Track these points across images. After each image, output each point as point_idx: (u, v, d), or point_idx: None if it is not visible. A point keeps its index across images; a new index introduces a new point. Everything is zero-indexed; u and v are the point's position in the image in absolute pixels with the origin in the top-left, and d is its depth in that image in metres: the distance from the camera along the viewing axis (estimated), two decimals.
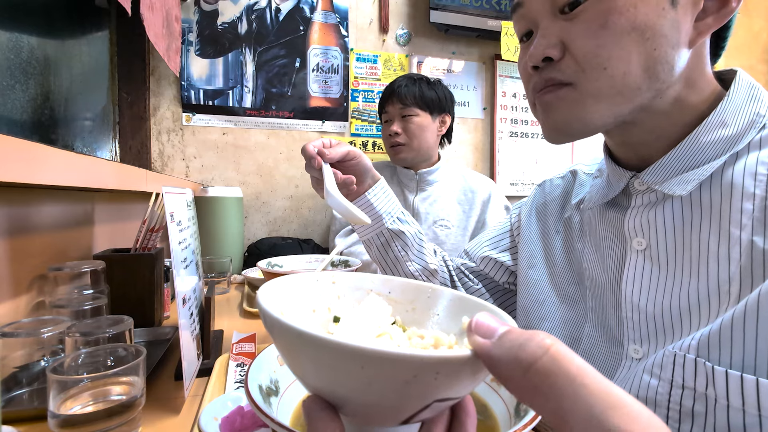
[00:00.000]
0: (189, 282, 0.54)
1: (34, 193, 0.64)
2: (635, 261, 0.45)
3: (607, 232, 0.49)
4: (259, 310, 0.22)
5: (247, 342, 0.62)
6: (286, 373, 0.35)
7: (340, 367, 0.19)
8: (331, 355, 0.18)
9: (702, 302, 0.39)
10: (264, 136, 1.61)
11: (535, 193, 0.66)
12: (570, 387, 0.16)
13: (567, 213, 0.59)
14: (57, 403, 0.37)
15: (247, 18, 1.57)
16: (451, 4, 1.66)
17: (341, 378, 0.19)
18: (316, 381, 0.21)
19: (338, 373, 0.19)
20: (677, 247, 0.42)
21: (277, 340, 0.22)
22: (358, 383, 0.19)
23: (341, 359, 0.18)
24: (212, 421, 0.34)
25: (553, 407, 0.16)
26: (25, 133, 0.88)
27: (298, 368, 0.22)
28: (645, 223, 0.44)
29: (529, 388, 0.17)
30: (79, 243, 0.79)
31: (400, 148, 1.29)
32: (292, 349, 0.21)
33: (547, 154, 1.97)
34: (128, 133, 1.42)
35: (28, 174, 0.47)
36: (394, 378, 0.18)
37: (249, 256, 1.46)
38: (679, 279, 0.41)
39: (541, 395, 0.17)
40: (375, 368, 0.18)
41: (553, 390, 0.16)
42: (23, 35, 0.87)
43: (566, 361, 0.16)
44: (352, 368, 0.18)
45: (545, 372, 0.16)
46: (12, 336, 0.47)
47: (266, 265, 0.98)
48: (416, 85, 1.28)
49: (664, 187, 0.43)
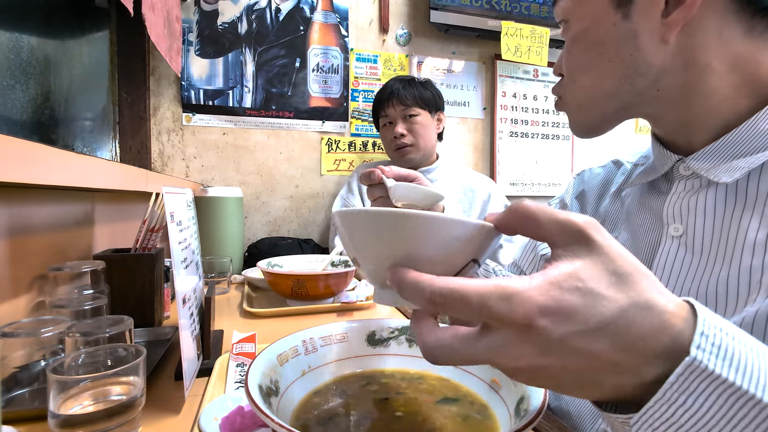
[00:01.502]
0: (189, 282, 0.54)
1: (34, 193, 0.64)
2: (669, 247, 0.44)
3: (645, 218, 0.49)
4: (340, 214, 0.29)
5: (247, 342, 0.62)
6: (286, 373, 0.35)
7: (426, 233, 0.26)
8: (422, 224, 0.26)
9: (731, 290, 0.38)
10: (264, 136, 1.61)
11: (575, 182, 0.65)
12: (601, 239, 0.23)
13: (605, 202, 0.58)
14: (57, 403, 0.37)
15: (247, 18, 1.57)
16: (451, 4, 1.66)
17: (424, 242, 0.26)
18: (403, 250, 0.27)
19: (422, 239, 0.26)
20: (714, 235, 0.41)
21: (363, 229, 0.28)
22: (438, 245, 0.26)
23: (429, 227, 0.26)
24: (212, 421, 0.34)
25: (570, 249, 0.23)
26: (25, 133, 0.88)
27: (381, 248, 0.27)
28: (684, 209, 0.44)
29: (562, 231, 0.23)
30: (79, 243, 0.79)
31: (408, 149, 1.28)
32: (384, 230, 0.27)
33: (547, 154, 1.97)
34: (128, 133, 1.42)
35: (28, 174, 0.47)
36: (458, 238, 0.26)
37: (249, 256, 1.46)
38: (711, 266, 0.40)
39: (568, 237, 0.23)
40: (454, 230, 0.26)
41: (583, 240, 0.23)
42: (23, 35, 0.87)
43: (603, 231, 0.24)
44: (435, 233, 0.26)
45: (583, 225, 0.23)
46: (12, 336, 0.47)
47: (266, 265, 0.98)
48: (412, 87, 1.28)
49: (710, 173, 0.42)
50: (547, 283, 0.22)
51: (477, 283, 0.22)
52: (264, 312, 0.83)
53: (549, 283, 0.22)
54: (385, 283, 0.28)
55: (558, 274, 0.22)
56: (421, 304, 0.25)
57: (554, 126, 1.99)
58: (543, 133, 1.97)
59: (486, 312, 0.22)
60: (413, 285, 0.24)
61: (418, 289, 0.24)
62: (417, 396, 0.37)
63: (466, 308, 0.22)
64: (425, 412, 0.34)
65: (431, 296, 0.23)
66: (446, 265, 0.27)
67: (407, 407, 0.35)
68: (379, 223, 0.26)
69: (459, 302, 0.22)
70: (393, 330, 0.42)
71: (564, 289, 0.22)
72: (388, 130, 1.31)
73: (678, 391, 0.21)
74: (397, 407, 0.35)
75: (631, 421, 0.23)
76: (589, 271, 0.22)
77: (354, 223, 0.28)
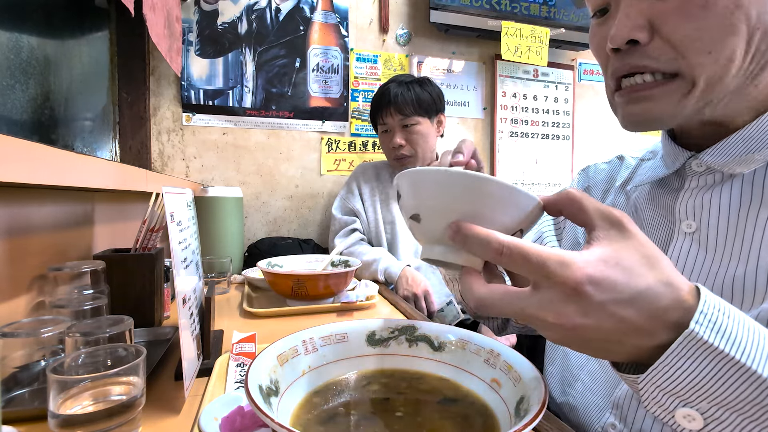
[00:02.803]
0: (189, 282, 0.54)
1: (34, 193, 0.64)
2: (681, 244, 0.43)
3: (654, 214, 0.48)
4: (412, 172, 0.33)
5: (247, 342, 0.62)
6: (286, 373, 0.35)
7: (492, 194, 0.30)
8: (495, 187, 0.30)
9: (747, 286, 0.38)
10: (264, 136, 1.61)
11: (579, 178, 0.64)
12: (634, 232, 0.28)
13: (609, 197, 0.57)
14: (57, 403, 0.37)
15: (247, 18, 1.57)
16: (451, 4, 1.66)
17: (488, 202, 0.30)
18: (470, 208, 0.31)
19: (488, 200, 0.30)
20: (729, 231, 0.40)
21: (438, 185, 0.31)
22: (498, 206, 0.30)
23: (497, 188, 0.30)
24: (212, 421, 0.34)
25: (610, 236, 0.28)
26: (25, 133, 0.88)
27: (452, 204, 0.31)
28: (698, 205, 0.43)
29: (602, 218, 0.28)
30: (79, 243, 0.79)
31: (407, 159, 1.27)
32: (459, 188, 0.31)
33: (547, 154, 1.97)
34: (128, 133, 1.42)
35: (28, 174, 0.47)
36: (520, 207, 0.31)
37: (249, 256, 1.46)
38: (725, 263, 0.40)
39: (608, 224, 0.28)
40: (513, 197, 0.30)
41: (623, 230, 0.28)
42: (23, 35, 0.87)
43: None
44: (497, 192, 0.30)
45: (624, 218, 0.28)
46: (12, 336, 0.47)
47: (266, 265, 0.98)
48: (410, 91, 1.24)
49: (726, 167, 0.41)
50: (596, 259, 0.26)
51: (538, 246, 0.27)
52: (264, 312, 0.83)
53: (597, 259, 0.26)
54: (439, 237, 0.32)
55: (603, 252, 0.27)
56: (485, 254, 0.29)
57: (554, 126, 1.99)
58: (543, 133, 1.97)
59: (543, 271, 0.26)
60: (482, 237, 0.28)
61: (487, 240, 0.28)
62: (417, 396, 0.37)
63: (526, 264, 0.26)
64: (425, 413, 0.34)
65: (498, 248, 0.27)
66: (502, 228, 0.30)
67: (407, 407, 0.35)
68: (457, 183, 0.30)
69: (521, 257, 0.27)
70: (393, 330, 0.42)
71: (608, 264, 0.26)
72: (386, 138, 1.29)
73: (678, 355, 0.26)
74: (397, 407, 0.35)
75: (639, 379, 0.28)
76: (626, 253, 0.27)
77: (427, 180, 0.32)
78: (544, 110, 1.97)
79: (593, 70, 2.03)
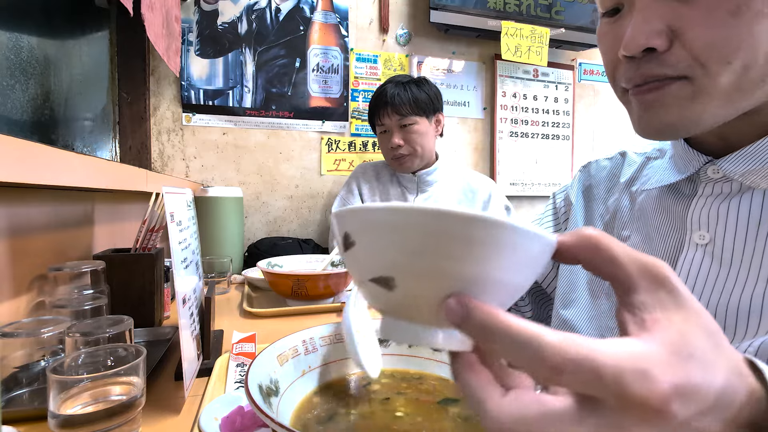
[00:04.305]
0: (189, 282, 0.54)
1: (34, 193, 0.64)
2: (693, 255, 0.40)
3: (662, 220, 0.44)
4: (392, 210, 0.21)
5: (247, 342, 0.62)
6: (286, 373, 0.35)
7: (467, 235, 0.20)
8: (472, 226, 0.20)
9: (766, 306, 0.35)
10: (264, 136, 1.61)
11: (580, 176, 0.61)
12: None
13: (613, 195, 0.54)
14: (57, 403, 0.37)
15: (247, 18, 1.57)
16: (451, 4, 1.66)
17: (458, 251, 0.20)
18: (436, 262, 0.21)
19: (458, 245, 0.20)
20: (746, 246, 0.37)
21: (427, 234, 0.20)
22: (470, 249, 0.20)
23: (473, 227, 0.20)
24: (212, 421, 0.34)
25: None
26: (25, 133, 0.88)
27: (445, 264, 0.21)
28: (713, 216, 0.39)
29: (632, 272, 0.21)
30: (79, 243, 0.79)
31: (405, 158, 1.27)
32: (461, 239, 0.20)
33: (547, 154, 1.97)
34: (128, 133, 1.42)
35: (28, 174, 0.47)
36: (537, 257, 0.22)
37: (249, 256, 1.46)
38: (742, 280, 0.37)
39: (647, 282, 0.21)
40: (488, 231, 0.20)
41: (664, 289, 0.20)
42: (23, 35, 0.87)
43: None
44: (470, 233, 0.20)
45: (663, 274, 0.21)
46: (12, 336, 0.47)
47: (266, 265, 0.98)
48: (407, 91, 1.24)
49: (746, 178, 0.37)
50: (669, 353, 0.18)
51: (606, 349, 0.18)
52: (264, 312, 0.83)
53: (670, 352, 0.18)
54: (427, 315, 0.22)
55: (671, 338, 0.19)
56: (527, 365, 0.19)
57: (554, 126, 1.99)
58: (543, 133, 1.97)
59: (620, 390, 0.17)
60: (524, 339, 0.18)
61: (533, 346, 0.18)
62: (417, 396, 0.37)
63: (598, 383, 0.18)
64: (426, 413, 0.34)
65: (556, 360, 0.18)
66: (514, 291, 0.22)
67: (408, 407, 0.35)
68: (458, 231, 0.20)
69: (592, 374, 0.17)
70: None
71: (682, 357, 0.19)
72: (385, 138, 1.30)
73: None
74: (398, 407, 0.35)
75: None
76: (692, 332, 0.19)
77: (408, 226, 0.20)
78: (544, 110, 1.97)
79: (593, 70, 2.03)
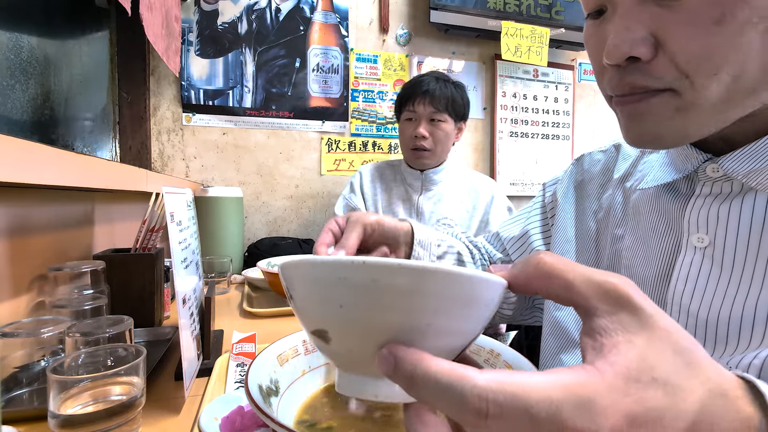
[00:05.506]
0: (189, 282, 0.54)
1: (34, 193, 0.64)
2: (691, 259, 0.38)
3: (658, 220, 0.43)
4: (309, 264, 0.21)
5: (247, 342, 0.62)
6: (286, 373, 0.35)
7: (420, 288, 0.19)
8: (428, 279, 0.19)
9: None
10: (264, 136, 1.61)
11: (572, 169, 0.58)
12: None
13: (607, 191, 0.52)
14: (57, 403, 0.37)
15: (247, 18, 1.57)
16: (451, 4, 1.66)
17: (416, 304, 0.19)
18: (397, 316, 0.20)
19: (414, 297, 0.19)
20: (749, 251, 0.35)
21: (350, 287, 0.20)
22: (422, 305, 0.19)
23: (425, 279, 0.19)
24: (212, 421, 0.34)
25: None
26: (25, 133, 0.88)
27: (376, 315, 0.20)
28: (712, 217, 0.37)
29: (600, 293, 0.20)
30: (79, 243, 0.79)
31: (425, 153, 1.24)
32: (388, 290, 0.19)
33: (547, 154, 1.97)
34: (128, 133, 1.42)
35: (28, 174, 0.47)
36: (483, 301, 0.21)
37: (249, 256, 1.46)
38: (745, 286, 0.35)
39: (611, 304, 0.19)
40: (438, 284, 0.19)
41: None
42: (23, 35, 0.87)
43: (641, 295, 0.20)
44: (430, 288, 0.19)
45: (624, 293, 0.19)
46: (12, 336, 0.47)
47: (266, 265, 0.98)
48: (447, 88, 1.22)
49: (750, 178, 0.35)
50: (624, 379, 0.17)
51: (538, 384, 0.17)
52: (264, 312, 0.83)
53: (626, 379, 0.17)
54: (364, 366, 0.21)
55: (628, 363, 0.18)
56: (454, 412, 0.17)
57: (554, 126, 1.99)
58: (543, 133, 1.97)
59: (558, 428, 0.16)
60: (445, 384, 0.17)
61: (454, 391, 0.17)
62: None
63: (531, 424, 0.16)
64: None
65: (479, 405, 0.16)
66: (464, 337, 0.21)
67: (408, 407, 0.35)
68: (380, 282, 0.19)
69: (522, 414, 0.16)
70: None
71: (643, 384, 0.17)
72: (409, 126, 1.26)
73: None
74: (398, 407, 0.35)
75: None
76: (656, 354, 0.18)
77: (333, 277, 0.20)
78: (544, 110, 1.97)
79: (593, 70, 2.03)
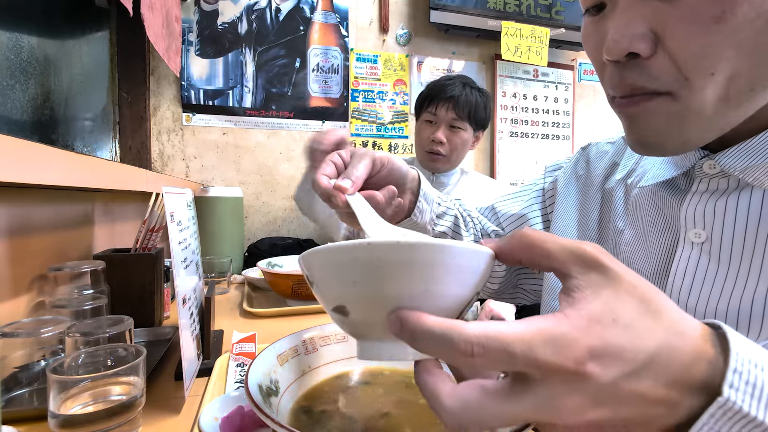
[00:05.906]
0: (189, 282, 0.54)
1: (34, 193, 0.64)
2: (689, 254, 0.39)
3: (656, 216, 0.43)
4: (320, 253, 0.25)
5: (247, 342, 0.62)
6: (286, 373, 0.36)
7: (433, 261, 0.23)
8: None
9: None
10: (264, 136, 1.61)
11: (578, 158, 0.57)
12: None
13: (610, 185, 0.51)
14: (57, 403, 0.37)
15: (247, 18, 1.57)
16: (451, 4, 1.66)
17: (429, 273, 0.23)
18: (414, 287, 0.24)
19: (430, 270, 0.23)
20: (746, 246, 0.36)
21: (357, 267, 0.24)
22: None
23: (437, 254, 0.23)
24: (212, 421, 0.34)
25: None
26: (25, 133, 0.88)
27: (382, 288, 0.23)
28: (709, 213, 0.37)
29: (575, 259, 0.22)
30: (79, 243, 0.79)
31: (440, 158, 1.23)
32: (387, 266, 0.23)
33: (547, 154, 1.97)
34: (128, 133, 1.42)
35: (28, 174, 0.47)
36: (473, 270, 0.24)
37: (249, 256, 1.46)
38: (742, 281, 0.35)
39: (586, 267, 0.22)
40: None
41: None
42: (23, 35, 0.87)
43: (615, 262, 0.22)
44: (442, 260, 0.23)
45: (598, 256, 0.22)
46: (12, 336, 0.47)
47: (266, 265, 0.98)
48: (472, 95, 1.21)
49: (747, 174, 0.35)
50: (587, 321, 0.20)
51: (514, 329, 0.20)
52: (264, 312, 0.83)
53: (589, 320, 0.20)
54: (378, 333, 0.25)
55: (593, 308, 0.20)
56: (451, 358, 0.21)
57: (554, 126, 1.99)
58: (543, 133, 1.97)
59: (532, 361, 0.19)
60: (438, 334, 0.21)
61: (446, 338, 0.20)
62: (418, 396, 0.37)
63: (509, 359, 0.20)
64: (426, 413, 0.34)
65: (466, 347, 0.20)
66: (457, 301, 0.25)
67: (408, 408, 0.35)
68: (384, 258, 0.23)
69: (501, 352, 0.19)
70: None
71: (604, 324, 0.20)
72: (427, 128, 1.24)
73: (711, 429, 0.20)
74: (397, 407, 0.35)
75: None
76: (620, 302, 0.21)
77: (345, 260, 0.24)
78: (544, 110, 1.98)
79: (593, 70, 2.03)
